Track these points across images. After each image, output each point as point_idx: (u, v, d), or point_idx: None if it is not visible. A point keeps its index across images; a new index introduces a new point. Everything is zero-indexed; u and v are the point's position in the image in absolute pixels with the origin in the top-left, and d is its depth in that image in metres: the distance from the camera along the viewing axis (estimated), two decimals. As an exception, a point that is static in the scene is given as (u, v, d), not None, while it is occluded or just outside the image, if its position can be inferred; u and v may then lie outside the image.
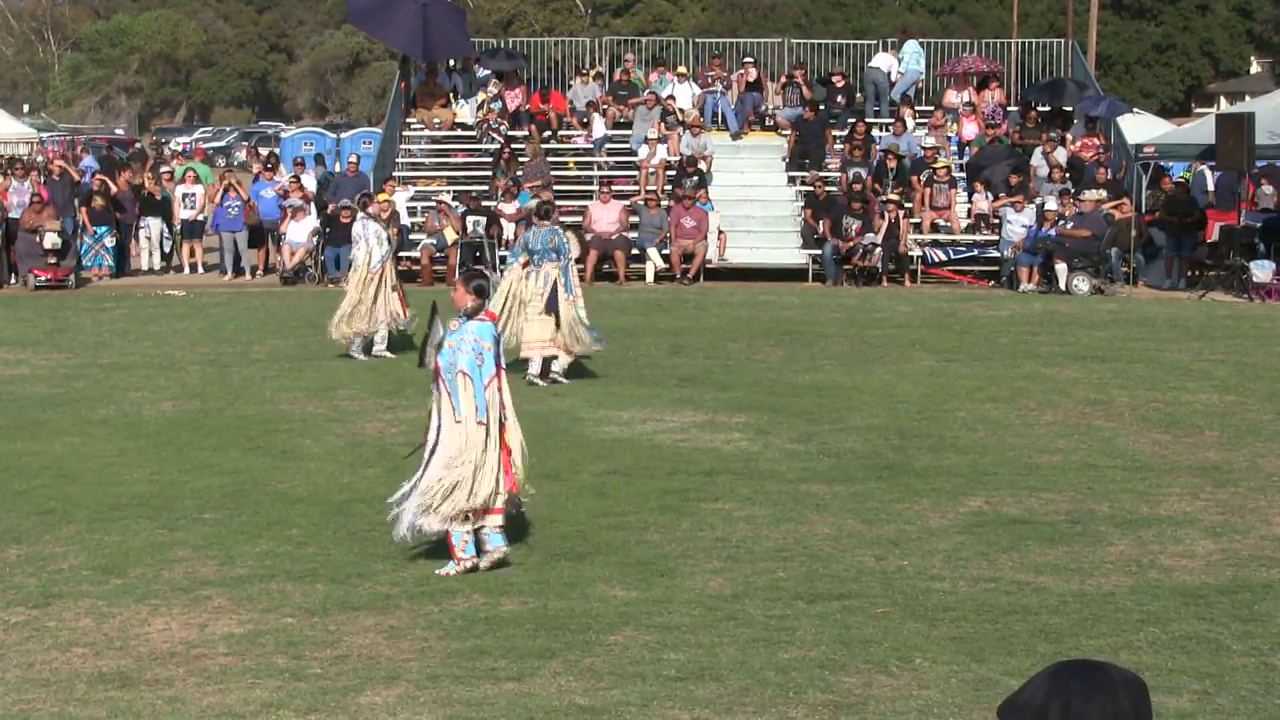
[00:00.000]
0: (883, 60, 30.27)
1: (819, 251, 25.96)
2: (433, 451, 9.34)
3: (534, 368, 15.65)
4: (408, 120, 29.69)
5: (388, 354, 17.57)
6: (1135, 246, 25.53)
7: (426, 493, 9.22)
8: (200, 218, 27.50)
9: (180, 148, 45.67)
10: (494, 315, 9.66)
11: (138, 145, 45.09)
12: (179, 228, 27.68)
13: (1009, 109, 29.53)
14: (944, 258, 26.32)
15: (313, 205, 26.59)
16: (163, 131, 72.15)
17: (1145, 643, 7.98)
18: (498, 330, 9.60)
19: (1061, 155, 27.07)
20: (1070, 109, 28.86)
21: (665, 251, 25.99)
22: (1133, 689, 3.35)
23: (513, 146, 27.91)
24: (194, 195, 27.56)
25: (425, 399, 14.77)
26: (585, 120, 29.18)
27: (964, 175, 27.57)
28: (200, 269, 27.40)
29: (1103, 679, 3.34)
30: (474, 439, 9.27)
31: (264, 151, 34.32)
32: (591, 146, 28.92)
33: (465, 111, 29.77)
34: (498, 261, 25.92)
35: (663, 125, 28.14)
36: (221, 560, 9.48)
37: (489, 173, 27.58)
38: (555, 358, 15.73)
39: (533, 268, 15.57)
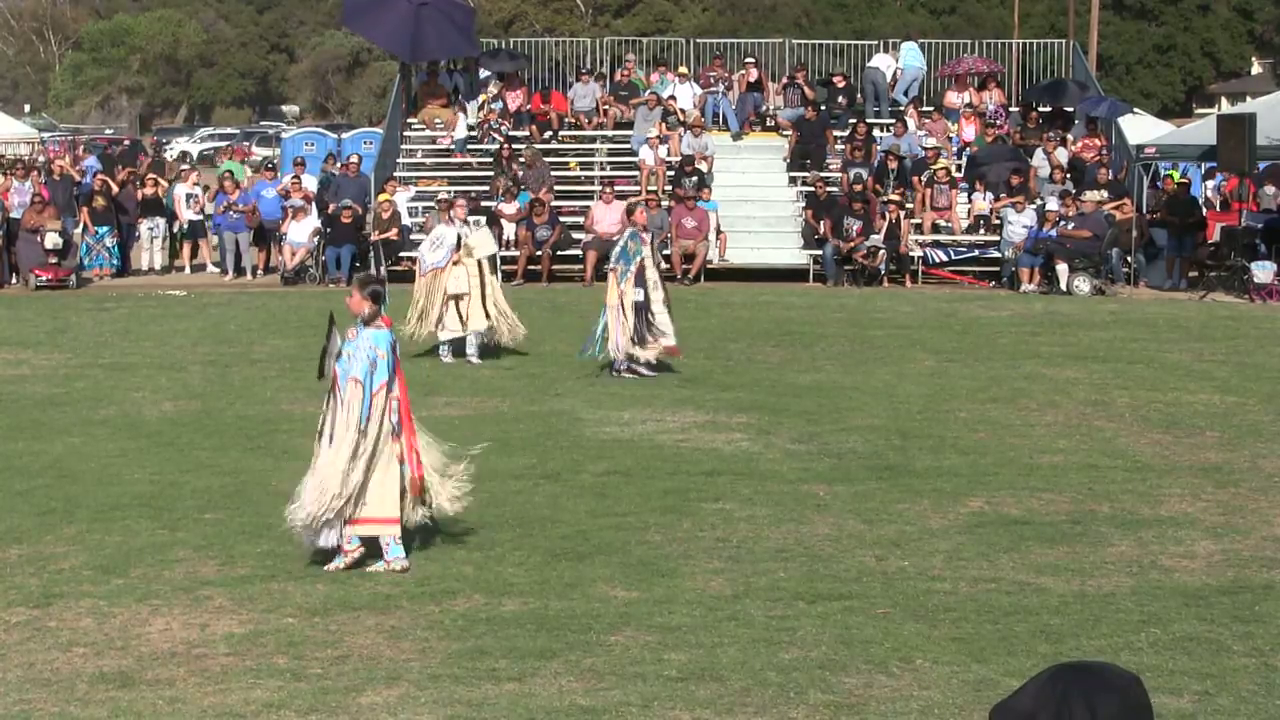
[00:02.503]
0: (882, 60, 30.29)
1: (820, 252, 25.96)
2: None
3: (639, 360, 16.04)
4: (408, 120, 29.69)
5: (473, 360, 16.98)
6: (1136, 247, 25.53)
7: (319, 500, 9.10)
8: (199, 216, 27.53)
9: (174, 150, 45.59)
10: (389, 321, 9.46)
11: (127, 143, 45.00)
12: (183, 228, 27.68)
13: (1010, 109, 29.54)
14: (945, 258, 26.33)
15: (314, 205, 26.60)
16: (163, 132, 72.14)
17: (1146, 643, 7.98)
18: (394, 337, 9.41)
19: (1062, 156, 27.08)
20: (1071, 109, 28.86)
21: (666, 252, 25.98)
22: (1137, 687, 3.35)
23: (513, 147, 27.93)
24: (196, 195, 27.58)
25: (425, 398, 14.83)
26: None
27: (962, 176, 27.58)
28: (209, 267, 27.39)
29: (1113, 677, 3.33)
30: (349, 446, 9.13)
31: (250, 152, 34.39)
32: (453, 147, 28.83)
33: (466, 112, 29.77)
34: (498, 263, 25.96)
35: (663, 125, 28.16)
36: (222, 560, 9.48)
37: (489, 173, 27.59)
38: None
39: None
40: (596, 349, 15.94)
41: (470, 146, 29.25)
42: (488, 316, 16.99)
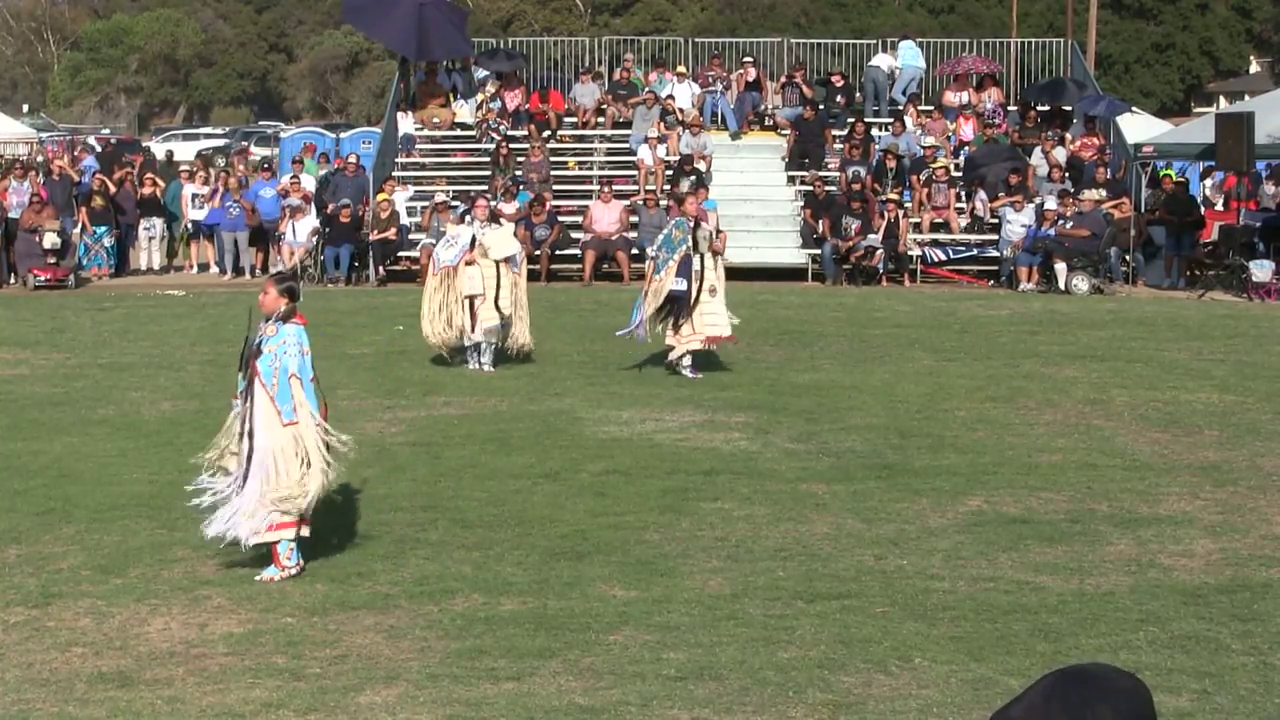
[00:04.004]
0: (882, 60, 30.30)
1: (818, 251, 25.97)
2: (249, 459, 9.10)
3: (688, 360, 15.97)
4: (404, 117, 29.67)
5: (482, 367, 16.45)
6: (1134, 246, 25.55)
7: (263, 499, 9.01)
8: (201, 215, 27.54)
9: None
10: (304, 319, 9.32)
11: (114, 143, 44.94)
12: (187, 228, 27.67)
13: (1008, 108, 29.55)
14: (943, 257, 26.34)
15: (312, 205, 26.60)
16: (160, 132, 72.12)
17: (1145, 642, 7.98)
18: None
19: (1061, 155, 27.09)
20: (1070, 108, 28.88)
21: (665, 251, 25.95)
22: (1141, 685, 3.35)
23: (511, 146, 27.92)
24: (202, 195, 27.57)
25: (424, 398, 14.84)
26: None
27: (961, 175, 27.58)
28: (213, 267, 27.39)
29: (1116, 678, 3.34)
30: (310, 439, 9.08)
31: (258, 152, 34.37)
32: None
33: (465, 111, 29.78)
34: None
35: (662, 125, 28.16)
36: (221, 560, 9.47)
37: (488, 172, 27.59)
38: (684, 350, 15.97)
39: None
40: (635, 324, 15.95)
41: (469, 146, 29.27)
42: (499, 313, 16.34)
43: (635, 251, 26.19)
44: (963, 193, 27.15)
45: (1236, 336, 19.44)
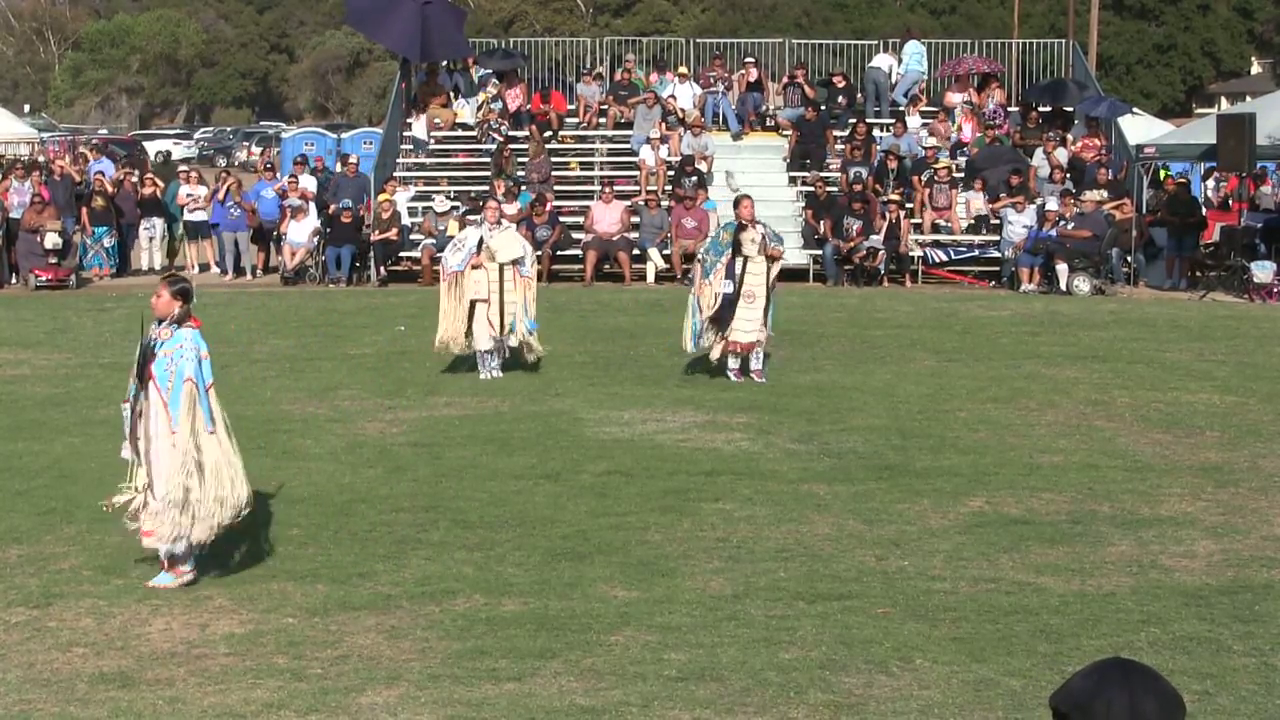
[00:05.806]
0: (883, 60, 30.30)
1: (820, 252, 25.97)
2: (149, 465, 8.93)
3: (732, 362, 15.77)
4: (408, 120, 29.69)
5: (492, 373, 16.05)
6: (1136, 247, 25.55)
7: (165, 504, 8.86)
8: (202, 216, 27.54)
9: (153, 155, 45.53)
10: (198, 322, 9.06)
11: (96, 144, 44.93)
12: (182, 229, 27.71)
13: (1010, 109, 29.54)
14: (945, 258, 26.34)
15: (313, 205, 26.60)
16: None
17: (1146, 643, 7.98)
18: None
19: (1062, 156, 27.09)
20: (1071, 109, 28.88)
21: (666, 252, 26.00)
22: (1178, 701, 3.51)
23: (512, 147, 27.92)
24: (198, 196, 27.59)
25: (425, 398, 14.83)
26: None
27: (962, 176, 27.58)
28: (213, 267, 27.43)
29: (1167, 685, 3.49)
30: (211, 450, 8.91)
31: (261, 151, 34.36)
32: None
33: (465, 112, 29.79)
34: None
35: (663, 125, 28.16)
36: (222, 560, 9.47)
37: (489, 173, 27.59)
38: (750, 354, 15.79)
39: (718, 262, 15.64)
40: (692, 341, 15.84)
41: (469, 146, 29.27)
42: (502, 327, 15.97)
43: (637, 252, 26.22)
44: (963, 194, 27.14)
45: (1238, 337, 19.44)
